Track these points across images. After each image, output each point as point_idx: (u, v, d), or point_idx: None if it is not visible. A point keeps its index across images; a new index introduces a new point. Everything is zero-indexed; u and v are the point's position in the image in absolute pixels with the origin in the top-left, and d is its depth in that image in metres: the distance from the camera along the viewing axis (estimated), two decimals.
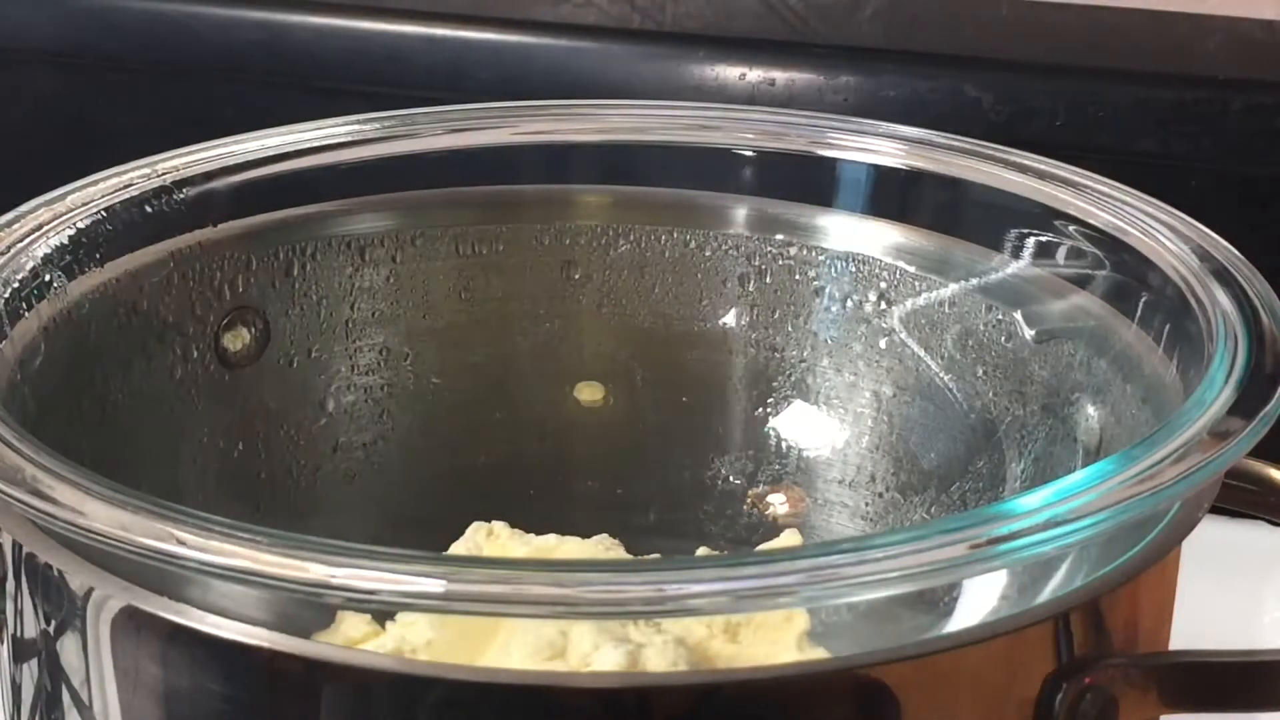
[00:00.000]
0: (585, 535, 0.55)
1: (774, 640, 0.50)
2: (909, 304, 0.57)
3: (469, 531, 0.55)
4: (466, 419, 0.60)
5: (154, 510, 0.38)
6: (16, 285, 0.49)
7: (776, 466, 0.59)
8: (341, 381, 0.59)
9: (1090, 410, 0.52)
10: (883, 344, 0.58)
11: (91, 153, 0.57)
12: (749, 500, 0.59)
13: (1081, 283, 0.53)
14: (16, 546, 0.42)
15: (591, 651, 0.47)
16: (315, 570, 0.36)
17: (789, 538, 0.57)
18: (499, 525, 0.55)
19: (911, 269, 0.57)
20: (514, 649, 0.48)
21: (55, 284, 0.50)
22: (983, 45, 0.77)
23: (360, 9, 0.80)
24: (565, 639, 0.47)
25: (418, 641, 0.49)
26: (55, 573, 0.41)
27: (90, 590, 0.40)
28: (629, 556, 0.54)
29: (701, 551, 0.57)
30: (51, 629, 0.42)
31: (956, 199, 0.56)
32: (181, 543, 0.37)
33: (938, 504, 0.56)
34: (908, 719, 0.38)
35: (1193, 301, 0.48)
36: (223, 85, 0.82)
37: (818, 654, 0.50)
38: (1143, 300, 0.50)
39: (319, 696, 0.38)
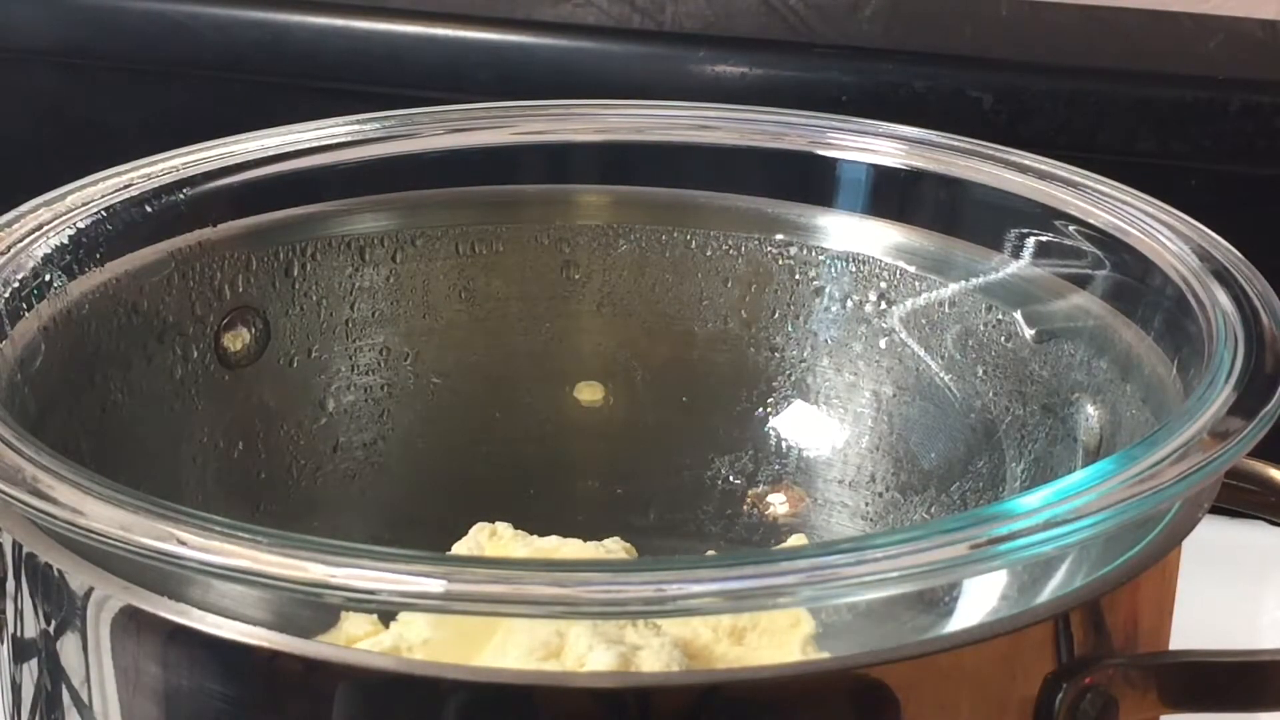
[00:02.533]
0: (585, 535, 0.55)
1: (779, 644, 0.50)
2: (909, 304, 0.57)
3: (472, 532, 0.55)
4: (466, 419, 0.60)
5: (154, 510, 0.38)
6: (16, 285, 0.49)
7: (776, 466, 0.59)
8: (341, 381, 0.59)
9: (1090, 410, 0.52)
10: (883, 344, 0.58)
11: (91, 153, 0.57)
12: (749, 500, 0.59)
13: (1081, 283, 0.53)
14: (16, 546, 0.42)
15: (587, 652, 0.47)
16: (315, 570, 0.36)
17: (795, 541, 0.57)
18: (502, 526, 0.55)
19: (911, 269, 0.57)
20: (510, 648, 0.48)
21: (55, 284, 0.50)
22: (983, 45, 0.77)
23: (360, 9, 0.80)
24: (561, 639, 0.47)
25: (415, 640, 0.49)
26: (55, 573, 0.41)
27: (90, 590, 0.40)
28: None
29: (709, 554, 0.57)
30: (51, 629, 0.42)
31: (956, 199, 0.56)
32: (182, 543, 0.37)
33: (938, 504, 0.56)
34: (907, 719, 0.38)
35: (1193, 301, 0.48)
36: (223, 85, 0.82)
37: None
38: (1143, 300, 0.50)
39: (318, 696, 0.38)
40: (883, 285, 0.58)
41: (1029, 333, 0.54)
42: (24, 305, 0.49)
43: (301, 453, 0.58)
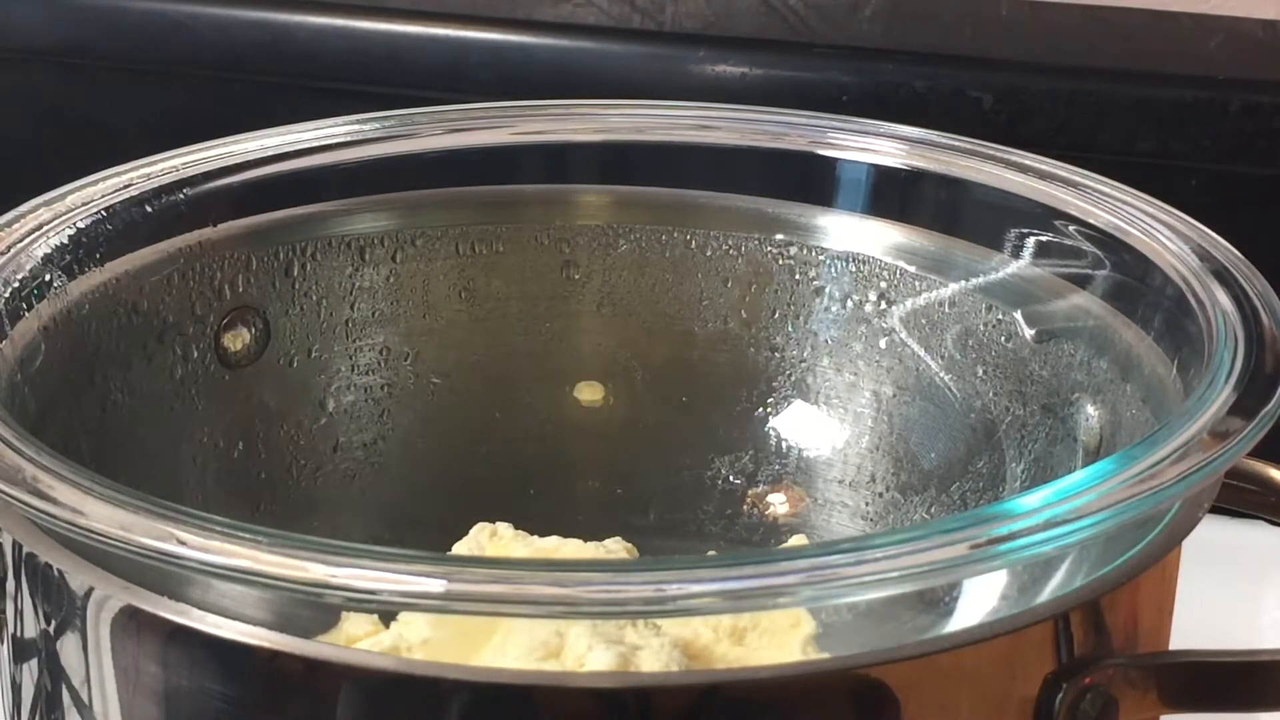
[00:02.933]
0: (585, 535, 0.55)
1: (779, 645, 0.50)
2: (909, 304, 0.57)
3: (473, 532, 0.55)
4: (466, 419, 0.60)
5: (154, 510, 0.38)
6: (16, 285, 0.49)
7: (776, 466, 0.59)
8: (341, 381, 0.59)
9: (1090, 410, 0.52)
10: (883, 344, 0.58)
11: (91, 153, 0.57)
12: (749, 500, 0.59)
13: (1081, 283, 0.53)
14: (16, 546, 0.42)
15: (586, 652, 0.47)
16: (315, 570, 0.36)
17: (795, 542, 0.57)
18: (503, 526, 0.55)
19: (911, 269, 0.57)
20: (510, 648, 0.48)
21: (55, 284, 0.50)
22: (983, 45, 0.77)
23: (360, 9, 0.80)
24: (561, 639, 0.47)
25: (414, 640, 0.49)
26: (55, 573, 0.41)
27: (90, 590, 0.40)
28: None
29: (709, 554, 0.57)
30: (51, 629, 0.42)
31: (956, 199, 0.56)
32: (182, 543, 0.37)
33: (938, 504, 0.56)
34: (907, 719, 0.38)
35: (1193, 301, 0.48)
36: (223, 85, 0.82)
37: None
38: (1143, 300, 0.50)
39: (318, 696, 0.38)
40: (883, 285, 0.58)
41: (1029, 333, 0.54)
42: (24, 305, 0.49)
43: (301, 453, 0.58)
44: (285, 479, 0.58)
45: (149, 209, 0.54)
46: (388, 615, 0.51)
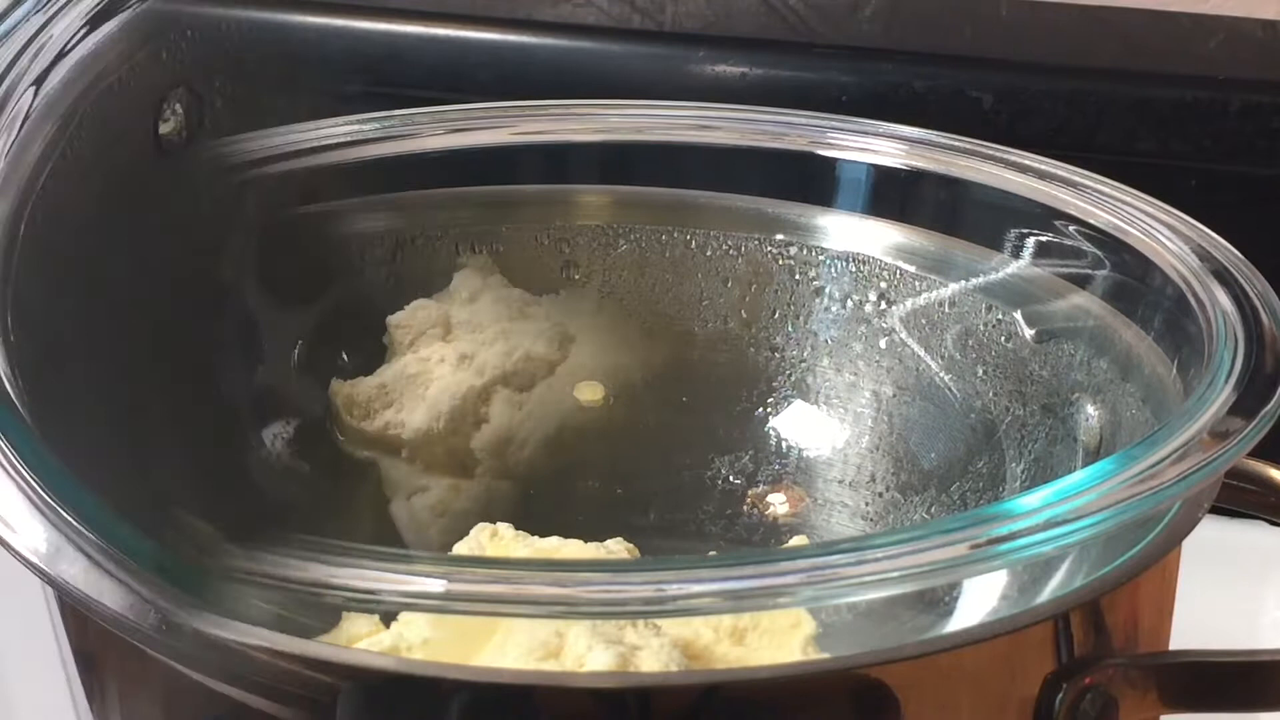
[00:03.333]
0: (585, 535, 0.55)
1: (780, 645, 0.50)
2: (909, 304, 0.57)
3: (473, 532, 0.55)
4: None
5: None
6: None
7: (776, 466, 0.59)
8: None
9: (1090, 410, 0.52)
10: (883, 344, 0.58)
11: None
12: (749, 500, 0.59)
13: (1081, 283, 0.53)
14: None
15: (586, 652, 0.47)
16: (315, 570, 0.36)
17: (796, 542, 0.57)
18: (503, 526, 0.55)
19: (911, 269, 0.57)
20: (509, 648, 0.48)
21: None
22: (983, 45, 0.77)
23: (360, 9, 0.80)
24: (561, 639, 0.47)
25: (415, 640, 0.49)
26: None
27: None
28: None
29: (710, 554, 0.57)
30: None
31: (956, 199, 0.56)
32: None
33: (938, 504, 0.56)
34: (908, 719, 0.38)
35: (1193, 301, 0.48)
36: None
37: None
38: (1143, 300, 0.50)
39: (318, 696, 0.38)
40: (883, 285, 0.58)
41: (1029, 333, 0.54)
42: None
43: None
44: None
45: None
46: (388, 615, 0.51)
